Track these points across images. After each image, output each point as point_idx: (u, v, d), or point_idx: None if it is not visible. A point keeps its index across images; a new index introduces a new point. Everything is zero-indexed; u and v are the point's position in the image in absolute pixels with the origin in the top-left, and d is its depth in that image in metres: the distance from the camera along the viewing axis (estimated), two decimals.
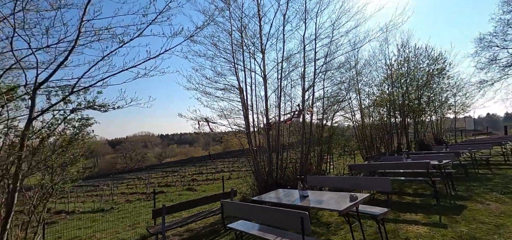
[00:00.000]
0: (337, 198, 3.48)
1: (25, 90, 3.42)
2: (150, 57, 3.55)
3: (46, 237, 9.98)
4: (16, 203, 3.92)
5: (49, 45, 3.29)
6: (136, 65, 3.57)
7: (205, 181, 18.89)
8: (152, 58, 3.56)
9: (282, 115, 7.50)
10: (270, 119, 7.32)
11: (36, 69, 3.34)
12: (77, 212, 13.87)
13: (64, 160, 4.38)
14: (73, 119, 4.62)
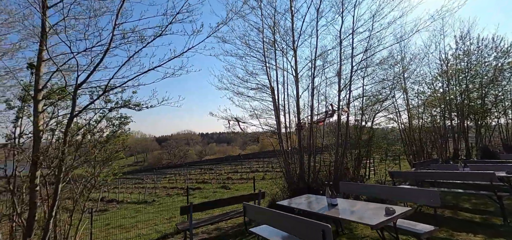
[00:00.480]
0: (371, 209, 3.06)
1: (67, 91, 3.76)
2: (174, 56, 3.61)
3: (98, 222, 11.19)
4: (63, 193, 4.36)
5: (86, 49, 3.55)
6: (161, 64, 3.66)
7: (240, 180, 19.14)
8: (176, 57, 3.62)
9: (315, 115, 7.08)
10: (301, 119, 6.97)
11: (77, 71, 3.63)
12: (125, 202, 15.31)
13: (102, 156, 4.74)
14: (113, 117, 5.00)
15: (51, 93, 3.91)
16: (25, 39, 4.80)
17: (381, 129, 9.84)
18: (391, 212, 2.74)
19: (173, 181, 23.86)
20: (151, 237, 7.20)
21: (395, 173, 6.15)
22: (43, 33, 3.85)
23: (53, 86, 4.00)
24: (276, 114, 7.61)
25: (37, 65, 3.78)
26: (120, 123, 5.01)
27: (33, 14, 3.83)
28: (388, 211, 2.75)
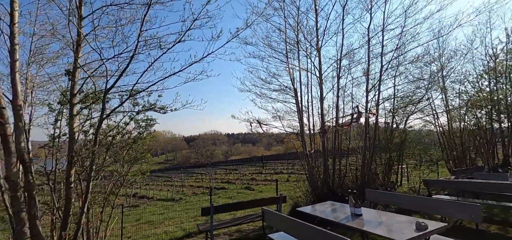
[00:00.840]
0: (400, 223, 2.79)
1: (98, 95, 4.01)
2: (194, 61, 3.66)
3: (130, 217, 11.87)
4: (94, 190, 4.67)
5: (115, 56, 3.76)
6: (182, 70, 3.74)
7: (264, 181, 19.09)
8: (196, 63, 3.67)
9: (340, 117, 6.76)
10: (326, 121, 6.70)
11: (106, 76, 3.86)
12: (155, 198, 16.12)
13: (131, 155, 5.00)
14: (141, 119, 5.26)
15: (85, 97, 4.21)
16: (64, 48, 5.27)
17: (415, 132, 9.10)
18: (423, 227, 2.47)
19: (200, 180, 24.60)
20: (176, 234, 7.44)
21: (431, 182, 5.61)
22: (78, 42, 4.17)
23: (88, 91, 4.30)
24: (299, 116, 7.43)
25: (73, 71, 4.10)
26: (146, 124, 5.25)
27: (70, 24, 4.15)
28: (419, 226, 2.48)
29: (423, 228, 2.46)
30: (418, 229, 2.45)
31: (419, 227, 2.48)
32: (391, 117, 7.51)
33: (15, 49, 3.64)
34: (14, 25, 3.63)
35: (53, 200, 4.12)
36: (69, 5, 4.05)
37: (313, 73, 7.22)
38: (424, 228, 2.45)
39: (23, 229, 3.49)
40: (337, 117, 6.72)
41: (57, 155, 4.12)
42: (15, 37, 3.64)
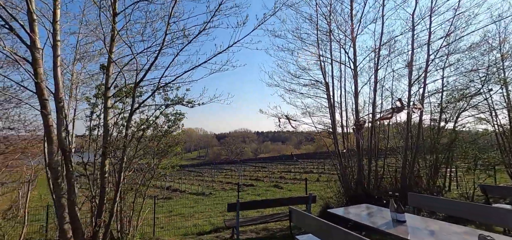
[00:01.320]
0: (456, 234, 2.34)
1: (128, 89, 4.13)
2: (220, 51, 3.55)
3: (163, 209, 12.42)
4: (127, 181, 4.85)
5: (144, 49, 3.82)
6: (207, 61, 3.67)
7: (293, 180, 18.67)
8: (222, 52, 3.55)
9: (377, 113, 6.17)
10: (360, 117, 6.17)
11: (136, 70, 3.94)
12: (186, 192, 16.74)
13: (160, 148, 5.11)
14: (170, 113, 5.34)
15: (119, 91, 4.37)
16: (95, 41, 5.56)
17: (467, 131, 7.98)
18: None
19: (229, 176, 25.02)
20: (204, 228, 7.53)
21: (490, 188, 4.81)
22: (112, 37, 4.33)
23: (123, 86, 4.46)
24: (330, 112, 6.98)
25: (107, 66, 4.27)
26: (175, 119, 5.32)
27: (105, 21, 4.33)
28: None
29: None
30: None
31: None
32: (438, 114, 6.65)
33: (57, 46, 3.89)
34: (56, 22, 3.88)
35: (90, 188, 4.35)
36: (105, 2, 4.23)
37: (347, 66, 6.71)
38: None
39: (63, 214, 3.72)
40: (373, 113, 6.15)
41: (92, 146, 4.34)
42: (57, 34, 3.89)
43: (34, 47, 3.38)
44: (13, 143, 4.96)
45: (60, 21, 3.97)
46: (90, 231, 4.04)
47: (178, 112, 5.45)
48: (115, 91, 4.41)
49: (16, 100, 4.18)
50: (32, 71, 3.43)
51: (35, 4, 3.45)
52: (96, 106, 4.43)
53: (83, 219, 4.50)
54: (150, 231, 7.09)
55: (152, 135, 4.86)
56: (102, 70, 4.36)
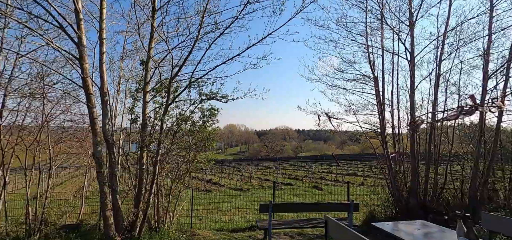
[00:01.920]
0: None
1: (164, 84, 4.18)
2: (253, 43, 3.30)
3: (203, 200, 12.89)
4: (163, 173, 4.99)
5: (179, 44, 3.82)
6: (240, 54, 3.46)
7: (334, 182, 17.60)
8: (256, 44, 3.30)
9: (439, 112, 5.21)
10: (417, 117, 5.29)
11: (171, 65, 3.95)
12: (225, 186, 17.14)
13: (195, 142, 5.13)
14: (205, 108, 5.34)
15: (158, 85, 4.49)
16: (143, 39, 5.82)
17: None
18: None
19: (267, 173, 24.91)
20: (239, 225, 7.47)
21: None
22: (151, 33, 4.44)
23: (160, 81, 4.57)
24: (379, 110, 6.18)
25: (146, 61, 4.40)
26: (210, 114, 5.29)
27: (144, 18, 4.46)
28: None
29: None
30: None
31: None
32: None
33: (103, 43, 4.13)
34: (102, 21, 4.12)
35: (130, 178, 4.58)
36: None
37: (402, 57, 5.82)
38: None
39: (105, 201, 3.95)
40: (434, 112, 5.20)
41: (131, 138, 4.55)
42: (103, 32, 4.13)
43: (81, 45, 3.62)
44: (72, 133, 5.57)
45: (109, 21, 4.21)
46: (130, 219, 4.24)
47: (213, 107, 5.41)
48: (153, 86, 4.54)
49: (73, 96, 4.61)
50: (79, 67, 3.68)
51: (81, 4, 3.69)
52: (137, 101, 4.63)
53: (126, 209, 4.78)
54: (188, 222, 7.33)
55: (187, 130, 4.90)
56: (141, 66, 4.52)
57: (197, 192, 15.15)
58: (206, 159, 6.14)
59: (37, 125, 4.62)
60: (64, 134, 5.32)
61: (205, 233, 5.77)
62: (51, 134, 4.96)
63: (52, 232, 4.40)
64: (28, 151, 4.57)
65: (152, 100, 4.75)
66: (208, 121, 5.30)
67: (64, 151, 5.77)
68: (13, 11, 4.21)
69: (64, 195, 11.18)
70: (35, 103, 4.66)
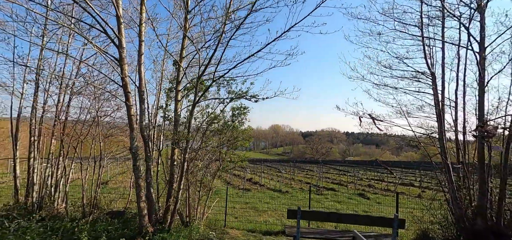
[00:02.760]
0: None
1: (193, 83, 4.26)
2: (273, 38, 3.07)
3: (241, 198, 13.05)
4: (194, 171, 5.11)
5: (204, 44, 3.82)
6: (260, 50, 3.28)
7: (385, 191, 15.89)
8: (275, 40, 3.06)
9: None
10: (488, 120, 4.28)
11: (199, 64, 4.00)
12: (265, 186, 17.07)
13: (227, 141, 5.13)
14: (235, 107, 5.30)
15: (190, 84, 4.62)
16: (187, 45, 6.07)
17: None
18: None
19: (310, 176, 24.00)
20: (273, 227, 7.27)
21: None
22: (184, 34, 4.59)
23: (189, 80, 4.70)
24: (437, 112, 5.25)
25: (179, 61, 4.56)
26: (239, 113, 5.23)
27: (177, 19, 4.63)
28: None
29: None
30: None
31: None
32: None
33: (141, 45, 4.43)
34: (141, 25, 4.42)
35: (164, 173, 4.81)
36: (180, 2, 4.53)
37: (469, 49, 4.80)
38: None
39: (140, 193, 4.22)
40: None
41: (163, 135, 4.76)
42: (142, 35, 4.42)
43: (121, 47, 3.92)
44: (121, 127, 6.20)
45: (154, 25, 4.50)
46: (162, 212, 4.45)
47: (242, 106, 5.34)
48: (184, 85, 4.68)
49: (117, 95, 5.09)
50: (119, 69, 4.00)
51: (122, 10, 4.00)
52: (170, 99, 4.85)
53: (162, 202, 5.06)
54: (222, 219, 7.45)
55: (217, 128, 4.93)
56: (174, 66, 4.71)
57: (236, 190, 15.45)
58: (239, 158, 6.12)
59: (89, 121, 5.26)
60: (115, 130, 5.93)
61: (235, 233, 5.75)
62: (102, 129, 5.59)
63: (100, 215, 4.92)
64: (83, 144, 5.24)
65: (184, 98, 4.91)
66: (237, 119, 5.24)
67: (115, 143, 6.45)
68: (76, 23, 4.84)
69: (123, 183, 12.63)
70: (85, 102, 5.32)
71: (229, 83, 4.91)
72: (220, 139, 5.12)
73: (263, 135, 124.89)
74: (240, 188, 15.83)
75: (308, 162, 50.07)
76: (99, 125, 5.31)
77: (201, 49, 4.01)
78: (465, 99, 5.09)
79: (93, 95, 4.99)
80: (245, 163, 7.05)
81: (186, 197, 4.89)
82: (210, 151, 5.01)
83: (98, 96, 5.03)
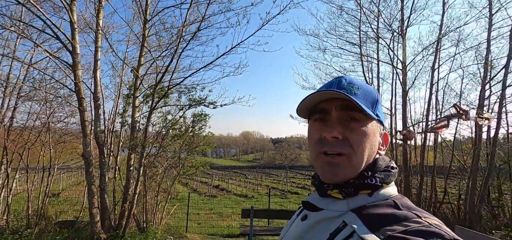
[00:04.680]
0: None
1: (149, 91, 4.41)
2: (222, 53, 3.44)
3: (207, 205, 13.02)
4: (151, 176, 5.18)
5: (160, 54, 4.03)
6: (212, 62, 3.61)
7: None
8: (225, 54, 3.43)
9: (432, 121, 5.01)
10: (408, 126, 5.11)
11: (156, 73, 4.18)
12: (232, 192, 17.22)
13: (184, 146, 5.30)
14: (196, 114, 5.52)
15: (146, 91, 4.74)
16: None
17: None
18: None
19: (277, 181, 24.70)
20: (235, 231, 7.51)
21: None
22: (142, 43, 4.72)
23: (149, 87, 4.82)
24: None
25: (137, 68, 4.67)
26: (200, 119, 5.46)
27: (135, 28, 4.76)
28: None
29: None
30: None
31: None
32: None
33: (97, 51, 4.45)
34: (98, 31, 4.46)
35: (121, 180, 4.82)
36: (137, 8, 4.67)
37: (393, 66, 5.69)
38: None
39: (92, 199, 4.20)
40: (427, 121, 5.01)
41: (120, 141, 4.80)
42: (98, 41, 4.45)
43: (74, 53, 3.94)
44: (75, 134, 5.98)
45: (112, 32, 4.54)
46: (116, 218, 4.45)
47: (203, 113, 5.58)
48: (143, 92, 4.80)
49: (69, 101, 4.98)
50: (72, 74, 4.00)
51: (76, 16, 4.03)
52: (129, 105, 4.90)
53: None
54: (184, 225, 7.48)
55: (175, 134, 5.09)
56: (132, 73, 4.80)
57: (202, 197, 15.36)
58: (201, 163, 6.30)
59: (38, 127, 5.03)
60: (68, 136, 5.72)
61: (193, 236, 5.88)
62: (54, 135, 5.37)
63: (48, 226, 4.71)
64: (31, 151, 4.98)
65: (144, 105, 5.00)
66: (198, 125, 5.46)
67: (68, 150, 6.18)
68: (25, 27, 4.66)
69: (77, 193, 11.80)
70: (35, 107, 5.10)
71: (190, 90, 5.13)
72: (181, 144, 5.28)
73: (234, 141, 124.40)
74: (206, 194, 15.75)
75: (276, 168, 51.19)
76: (49, 131, 5.10)
77: (158, 58, 4.20)
78: (396, 108, 5.98)
79: (45, 100, 4.81)
80: (207, 168, 7.26)
81: (143, 202, 4.93)
82: (170, 156, 5.13)
83: (50, 101, 4.86)
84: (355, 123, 0.46)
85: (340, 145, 0.45)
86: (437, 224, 0.38)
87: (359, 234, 0.38)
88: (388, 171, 0.48)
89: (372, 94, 0.49)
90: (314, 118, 0.50)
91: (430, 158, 5.80)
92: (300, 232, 0.49)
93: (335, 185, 0.46)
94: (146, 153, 4.34)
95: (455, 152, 5.42)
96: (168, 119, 4.85)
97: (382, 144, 0.51)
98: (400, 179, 5.66)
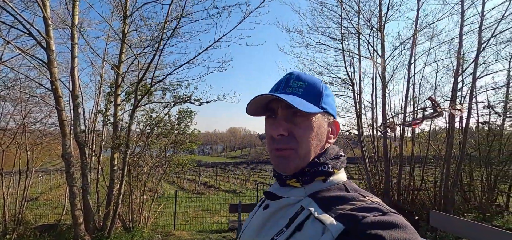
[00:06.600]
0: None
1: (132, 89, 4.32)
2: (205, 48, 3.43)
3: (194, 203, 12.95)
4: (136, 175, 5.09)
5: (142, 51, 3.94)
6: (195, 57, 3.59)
7: None
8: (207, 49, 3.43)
9: (410, 113, 5.25)
10: (388, 118, 5.34)
11: (138, 70, 4.09)
12: (220, 189, 17.21)
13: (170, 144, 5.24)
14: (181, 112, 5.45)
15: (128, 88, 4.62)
16: None
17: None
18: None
19: (264, 176, 24.92)
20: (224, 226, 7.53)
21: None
22: (122, 39, 4.59)
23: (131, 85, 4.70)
24: (357, 112, 6.25)
25: (118, 66, 4.54)
26: (185, 116, 5.40)
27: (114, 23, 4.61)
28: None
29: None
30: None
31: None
32: (497, 115, 5.33)
33: (74, 48, 4.28)
34: (74, 27, 4.28)
35: (103, 179, 4.70)
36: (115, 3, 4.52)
37: (373, 61, 5.89)
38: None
39: (74, 201, 4.07)
40: (405, 113, 5.25)
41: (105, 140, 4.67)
42: (74, 37, 4.28)
43: (49, 49, 3.77)
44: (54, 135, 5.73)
45: (88, 28, 4.37)
46: (101, 219, 4.35)
47: (189, 110, 5.53)
48: (125, 90, 4.68)
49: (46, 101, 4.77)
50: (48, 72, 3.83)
51: (49, 12, 3.85)
52: (110, 103, 4.77)
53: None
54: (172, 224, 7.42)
55: (160, 132, 5.02)
56: (113, 70, 4.66)
57: (190, 194, 15.24)
58: (187, 160, 6.26)
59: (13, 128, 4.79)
60: (46, 137, 5.48)
61: (181, 234, 5.85)
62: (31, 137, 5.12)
63: (27, 231, 4.53)
64: (6, 154, 4.73)
65: (127, 103, 4.88)
66: (183, 122, 5.41)
67: (47, 152, 5.93)
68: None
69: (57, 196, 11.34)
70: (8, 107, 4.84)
71: (174, 87, 5.06)
72: (166, 142, 5.21)
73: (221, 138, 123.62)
74: (194, 192, 15.64)
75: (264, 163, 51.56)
76: (26, 132, 4.86)
77: (140, 54, 4.11)
78: (376, 101, 6.21)
79: (20, 100, 4.56)
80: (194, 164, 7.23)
81: (129, 202, 4.84)
82: (156, 155, 5.05)
83: (26, 101, 4.62)
84: (300, 117, 0.50)
85: (287, 141, 0.49)
86: (378, 202, 0.44)
87: (315, 215, 0.43)
88: (338, 158, 0.53)
89: (316, 88, 0.52)
90: (266, 115, 0.55)
91: (409, 148, 6.10)
92: (262, 220, 0.53)
93: (293, 175, 0.50)
94: (130, 152, 4.25)
95: (431, 142, 5.73)
96: (152, 117, 4.76)
97: (332, 133, 0.55)
98: (381, 169, 5.92)
